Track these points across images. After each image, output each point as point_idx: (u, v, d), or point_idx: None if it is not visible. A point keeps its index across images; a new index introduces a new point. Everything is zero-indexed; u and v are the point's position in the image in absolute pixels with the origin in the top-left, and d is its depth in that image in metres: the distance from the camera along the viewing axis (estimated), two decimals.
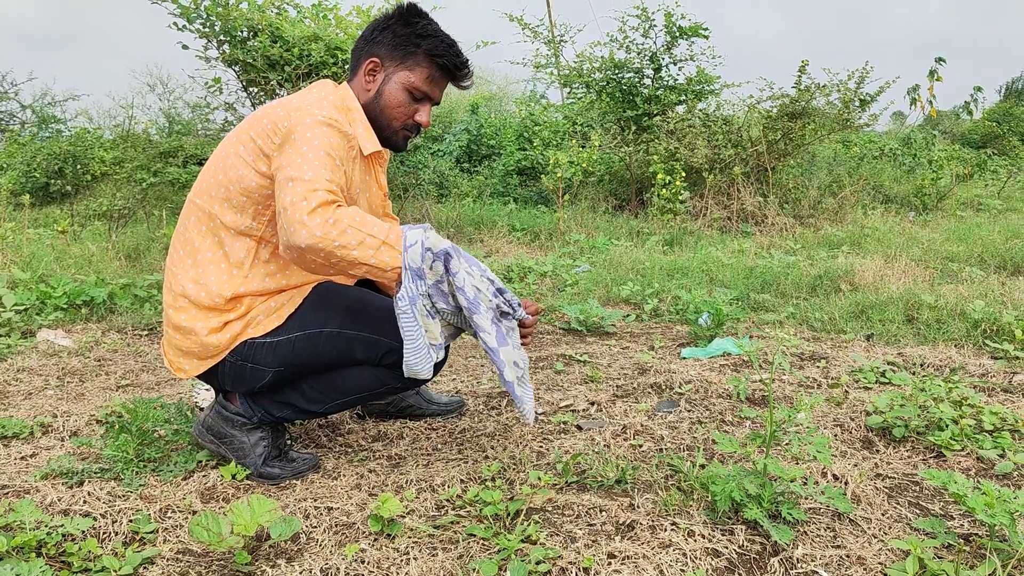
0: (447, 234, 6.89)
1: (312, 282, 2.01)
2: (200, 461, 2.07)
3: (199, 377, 2.00)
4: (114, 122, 10.57)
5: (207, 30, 5.35)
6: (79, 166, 8.44)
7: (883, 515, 1.74)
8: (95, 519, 1.75)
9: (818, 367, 2.92)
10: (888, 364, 2.90)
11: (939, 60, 11.03)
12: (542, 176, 8.25)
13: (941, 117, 18.13)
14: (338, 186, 1.74)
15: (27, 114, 12.95)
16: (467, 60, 2.08)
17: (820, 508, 1.76)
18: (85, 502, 1.84)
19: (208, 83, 5.91)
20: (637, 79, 8.75)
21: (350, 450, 2.25)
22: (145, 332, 3.75)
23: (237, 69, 5.64)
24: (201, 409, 2.51)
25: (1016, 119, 17.11)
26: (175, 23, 5.26)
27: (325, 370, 1.97)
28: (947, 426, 2.15)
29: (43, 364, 3.18)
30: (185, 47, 5.41)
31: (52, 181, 8.57)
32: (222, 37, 5.41)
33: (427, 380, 1.88)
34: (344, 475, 2.04)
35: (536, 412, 2.39)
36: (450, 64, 2.03)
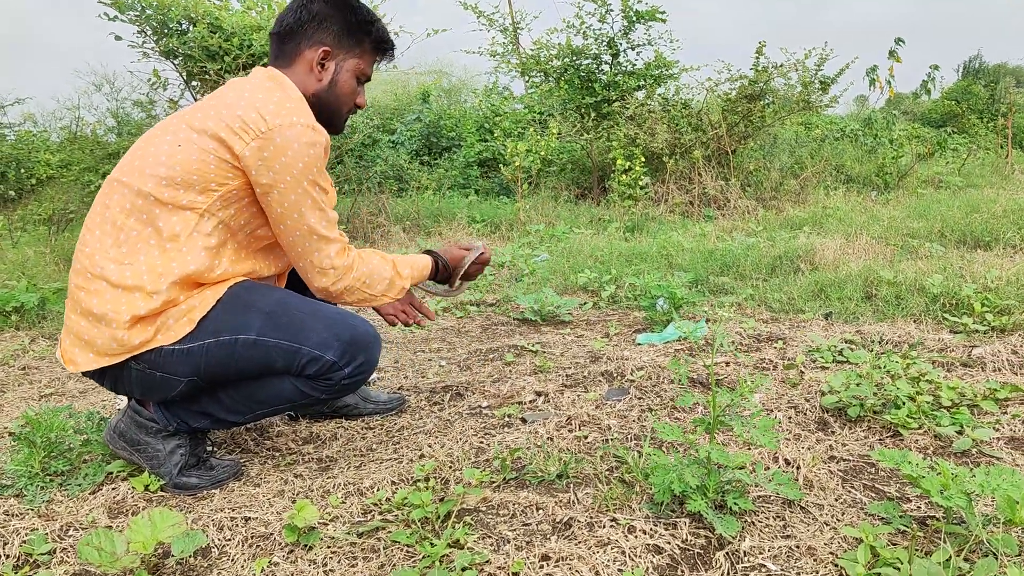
0: (404, 227, 6.75)
1: (238, 273, 1.86)
2: (110, 473, 1.92)
3: (96, 380, 1.84)
4: (60, 124, 10.25)
5: (141, 20, 5.14)
6: (23, 170, 8.15)
7: (836, 500, 1.64)
8: None
9: (775, 348, 2.83)
10: (846, 342, 2.81)
11: (898, 41, 11.05)
12: (502, 167, 8.12)
13: (901, 98, 18.27)
14: (334, 212, 1.87)
15: None
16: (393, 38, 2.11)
17: (770, 496, 1.65)
18: None
19: (150, 78, 5.71)
20: (595, 65, 8.65)
21: (278, 454, 2.11)
22: None
23: (176, 62, 5.44)
24: None
25: (974, 97, 17.30)
26: (105, 14, 5.04)
27: (243, 379, 1.83)
28: (904, 404, 2.06)
29: None
30: (118, 38, 5.20)
31: None
32: (158, 29, 5.20)
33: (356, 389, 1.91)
34: (268, 481, 1.90)
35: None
36: (390, 47, 2.05)
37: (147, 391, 1.83)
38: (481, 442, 2.07)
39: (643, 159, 7.23)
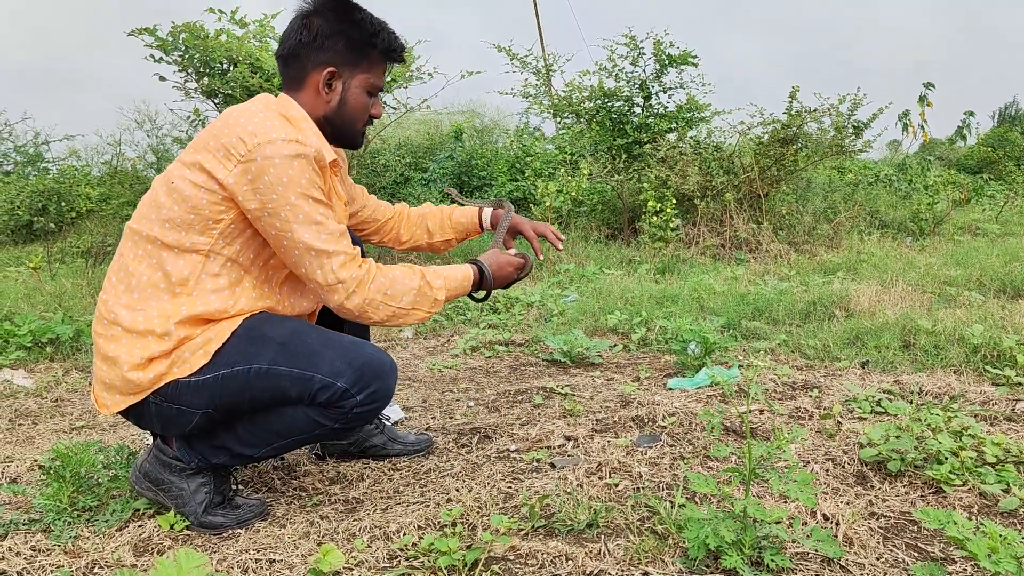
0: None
1: (257, 310, 1.87)
2: (137, 510, 1.92)
3: (125, 417, 1.85)
4: (102, 159, 10.50)
5: (185, 60, 5.27)
6: (64, 203, 8.33)
7: (877, 559, 1.58)
8: None
9: (811, 396, 2.77)
10: (884, 392, 2.74)
11: (928, 86, 11.00)
12: (532, 207, 8.14)
13: (935, 143, 18.13)
14: (337, 225, 1.79)
15: (17, 156, 12.88)
16: (403, 41, 2.02)
17: (808, 553, 1.60)
18: (3, 558, 1.68)
19: (189, 116, 5.83)
20: (627, 107, 8.70)
21: (304, 494, 2.09)
22: None
23: (217, 100, 5.55)
24: None
25: (1011, 144, 17.08)
26: (151, 55, 5.19)
27: (258, 410, 1.82)
28: (946, 459, 1.99)
29: None
30: (162, 78, 5.34)
31: (36, 219, 8.46)
32: (200, 69, 5.33)
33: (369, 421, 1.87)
34: (294, 522, 1.88)
35: None
36: (398, 54, 1.99)
37: (165, 425, 1.83)
38: (509, 487, 2.04)
39: (674, 201, 7.22)
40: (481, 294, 2.16)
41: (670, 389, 2.99)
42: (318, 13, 1.88)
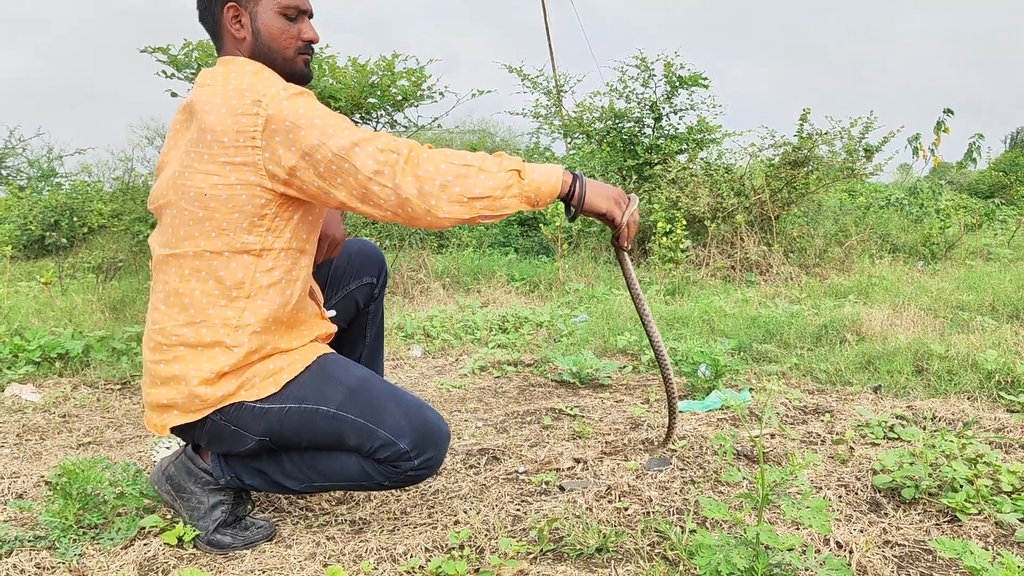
0: (443, 284, 6.77)
1: (314, 335, 1.90)
2: (143, 528, 1.90)
3: (174, 431, 1.82)
4: (113, 175, 10.58)
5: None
6: (76, 218, 8.38)
7: None
8: None
9: (822, 421, 2.74)
10: (897, 418, 2.71)
11: (947, 112, 10.95)
12: (543, 226, 8.15)
13: (946, 167, 18.10)
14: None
15: (31, 170, 13.00)
16: None
17: None
18: (8, 575, 1.67)
19: None
20: (637, 128, 8.71)
21: (311, 514, 2.07)
22: (118, 387, 3.60)
23: None
24: None
25: (1023, 169, 17.03)
26: (163, 71, 5.23)
27: (311, 448, 1.82)
28: (961, 487, 1.96)
29: (4, 421, 3.03)
30: (174, 94, 5.39)
31: (48, 234, 8.52)
32: None
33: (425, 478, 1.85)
34: (300, 543, 1.87)
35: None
36: None
37: (214, 442, 1.82)
38: (517, 510, 2.02)
39: (684, 222, 7.21)
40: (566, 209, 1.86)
41: (680, 412, 2.97)
42: None
